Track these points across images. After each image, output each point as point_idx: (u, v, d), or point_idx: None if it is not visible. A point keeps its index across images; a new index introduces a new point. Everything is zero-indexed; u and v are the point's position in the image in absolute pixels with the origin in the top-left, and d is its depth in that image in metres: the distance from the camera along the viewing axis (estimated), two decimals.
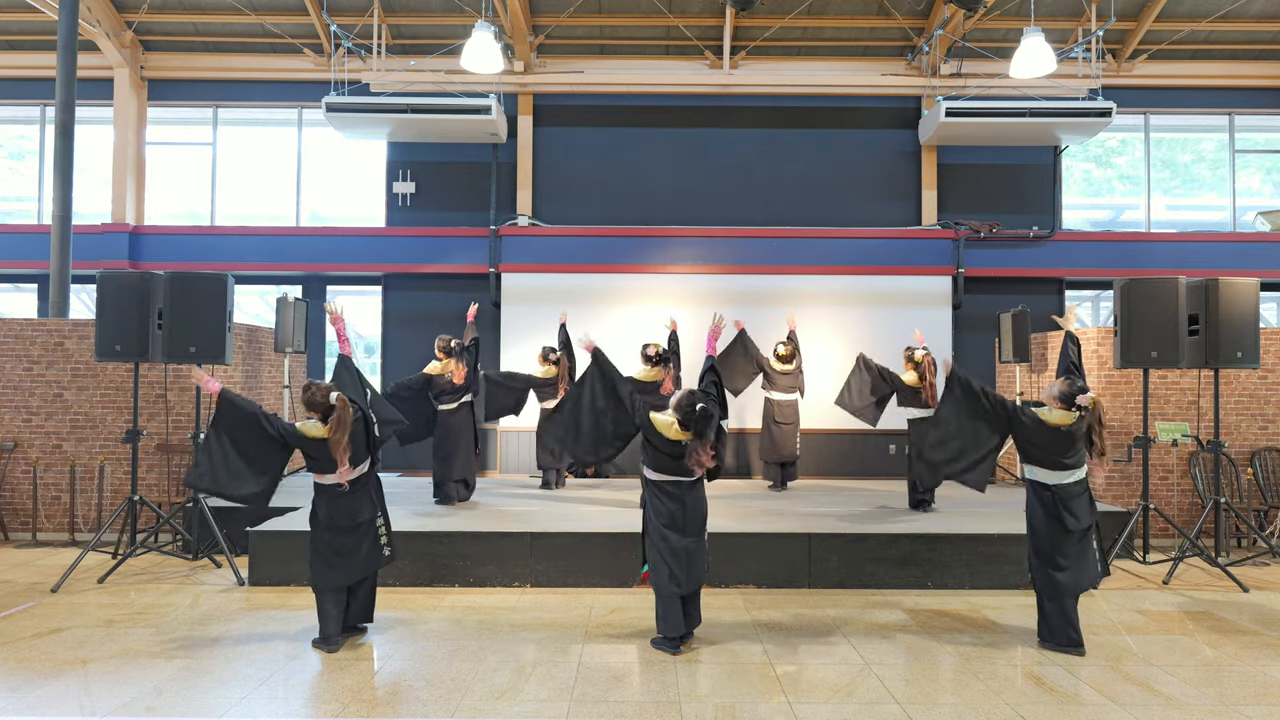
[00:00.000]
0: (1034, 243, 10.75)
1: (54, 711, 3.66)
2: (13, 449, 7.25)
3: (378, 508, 4.65)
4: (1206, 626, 5.00)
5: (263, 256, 10.75)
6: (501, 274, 10.69)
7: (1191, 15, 10.39)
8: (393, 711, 3.69)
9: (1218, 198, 11.35)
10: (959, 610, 5.32)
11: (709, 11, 10.41)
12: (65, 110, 8.19)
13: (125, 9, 10.53)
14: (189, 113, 11.24)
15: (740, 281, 10.65)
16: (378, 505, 4.66)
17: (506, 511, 6.74)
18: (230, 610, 5.19)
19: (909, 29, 10.61)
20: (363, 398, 4.66)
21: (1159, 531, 7.27)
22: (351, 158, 11.32)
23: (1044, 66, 8.88)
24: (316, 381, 4.49)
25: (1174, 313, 6.16)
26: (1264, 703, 3.83)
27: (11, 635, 4.69)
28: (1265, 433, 7.55)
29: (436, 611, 5.19)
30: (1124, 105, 10.54)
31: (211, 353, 6.18)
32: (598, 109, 11.07)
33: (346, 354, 4.81)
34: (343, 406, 4.37)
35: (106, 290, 6.21)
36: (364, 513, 4.54)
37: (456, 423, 7.13)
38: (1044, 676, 4.15)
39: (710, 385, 4.65)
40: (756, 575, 5.80)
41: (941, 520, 6.48)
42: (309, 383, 4.46)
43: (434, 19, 10.56)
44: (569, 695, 3.86)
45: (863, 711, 3.70)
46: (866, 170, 11.01)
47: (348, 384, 4.66)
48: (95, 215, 10.96)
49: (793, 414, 8.16)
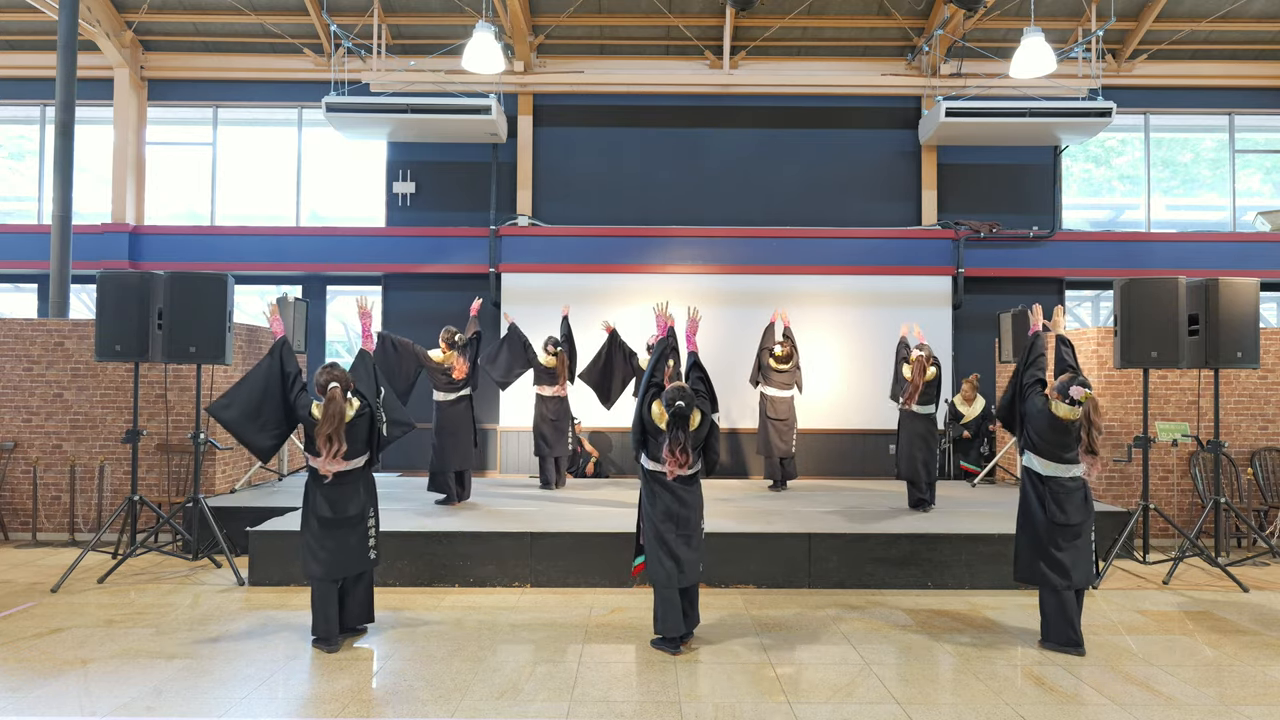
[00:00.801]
0: (1034, 243, 10.75)
1: (54, 711, 3.66)
2: (13, 449, 7.25)
3: (368, 506, 4.61)
4: (1206, 626, 5.00)
5: (263, 256, 10.75)
6: (501, 274, 10.70)
7: (1191, 15, 10.39)
8: (393, 711, 3.69)
9: (1218, 198, 11.35)
10: (959, 610, 5.32)
11: (709, 11, 10.41)
12: (65, 110, 8.19)
13: (125, 9, 10.53)
14: (189, 113, 11.25)
15: (740, 281, 10.66)
16: (368, 504, 4.61)
17: (506, 511, 6.74)
18: (230, 610, 5.19)
19: (909, 29, 10.61)
20: (374, 394, 4.64)
21: (1159, 531, 7.27)
22: (351, 158, 11.32)
23: (1044, 66, 8.88)
24: (336, 365, 4.51)
25: (1174, 313, 6.16)
26: (1264, 703, 3.83)
27: (11, 635, 4.69)
28: (1265, 433, 7.55)
29: (436, 611, 5.19)
30: (1124, 105, 10.55)
31: (211, 353, 6.17)
32: (598, 109, 11.07)
33: (368, 349, 4.82)
34: (332, 399, 4.35)
35: (106, 290, 6.21)
36: (351, 508, 4.49)
37: (455, 413, 7.10)
38: (1044, 676, 4.15)
39: (698, 381, 4.65)
40: (756, 575, 5.80)
41: (941, 520, 6.48)
42: (330, 363, 4.51)
43: (434, 19, 10.57)
44: (569, 695, 3.86)
45: (863, 711, 3.70)
46: (866, 170, 11.01)
47: (362, 377, 4.65)
48: (95, 215, 10.97)
49: (788, 410, 8.17)
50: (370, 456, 4.64)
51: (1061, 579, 4.44)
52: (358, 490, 4.56)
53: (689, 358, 4.79)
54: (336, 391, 4.37)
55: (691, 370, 4.72)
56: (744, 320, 10.29)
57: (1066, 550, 4.45)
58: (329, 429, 4.32)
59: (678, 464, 4.36)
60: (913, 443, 7.05)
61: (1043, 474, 4.53)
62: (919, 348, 7.11)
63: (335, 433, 4.34)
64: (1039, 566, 4.50)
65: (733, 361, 10.19)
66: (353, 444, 4.50)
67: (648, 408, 4.51)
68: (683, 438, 4.34)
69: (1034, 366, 4.77)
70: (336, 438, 4.34)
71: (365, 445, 4.59)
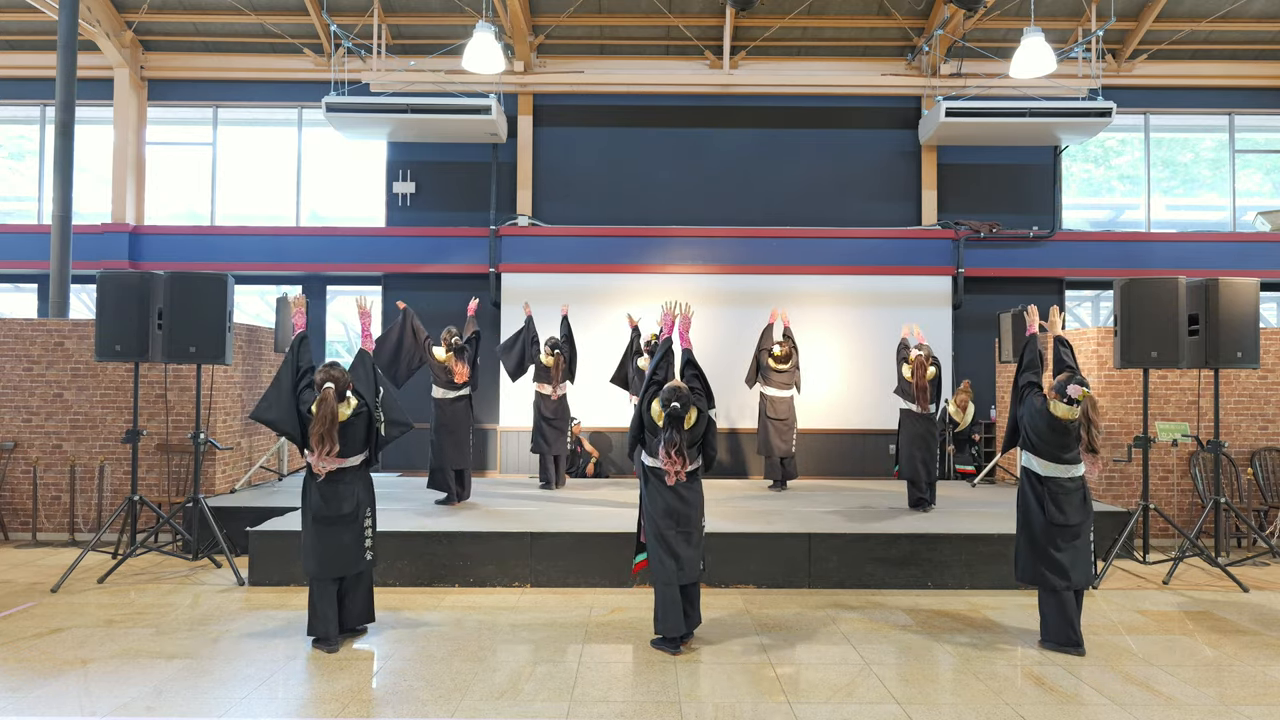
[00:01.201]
0: (1034, 243, 10.75)
1: (54, 711, 3.66)
2: (13, 449, 7.25)
3: (365, 505, 4.60)
4: (1206, 626, 5.00)
5: (263, 256, 10.75)
6: (501, 274, 10.70)
7: (1191, 15, 10.39)
8: (393, 711, 3.69)
9: (1218, 198, 11.35)
10: (959, 610, 5.32)
11: (709, 11, 10.41)
12: (65, 110, 8.18)
13: (125, 9, 10.53)
14: (189, 113, 11.25)
15: (740, 281, 10.66)
16: (365, 503, 4.61)
17: (506, 511, 6.74)
18: (230, 610, 5.19)
19: (909, 29, 10.61)
20: (373, 394, 4.64)
21: (1159, 531, 7.27)
22: (351, 158, 11.32)
23: (1044, 66, 8.88)
24: (336, 364, 4.52)
25: (1174, 313, 6.15)
26: (1264, 703, 3.83)
27: (11, 635, 4.69)
28: (1265, 433, 7.55)
29: (436, 611, 5.19)
30: (1124, 105, 10.55)
31: (211, 353, 6.17)
32: (598, 109, 11.07)
33: (367, 349, 4.83)
34: (324, 399, 4.36)
35: (106, 290, 6.21)
36: (345, 506, 4.48)
37: (454, 411, 7.10)
38: (1044, 676, 4.15)
39: (693, 379, 4.65)
40: (756, 575, 5.80)
41: (941, 520, 6.48)
42: (330, 362, 4.54)
43: (434, 19, 10.57)
44: (569, 695, 3.86)
45: (863, 711, 3.70)
46: (866, 170, 11.01)
47: (361, 377, 4.66)
48: (95, 215, 10.96)
49: (787, 410, 8.16)
50: (368, 456, 4.64)
51: (1061, 580, 4.43)
52: (354, 489, 4.55)
53: (683, 355, 4.78)
54: (330, 392, 4.38)
55: (686, 368, 4.72)
56: (744, 320, 10.29)
57: (1065, 551, 4.45)
58: (321, 429, 4.34)
59: (674, 465, 4.36)
60: (913, 443, 7.06)
61: (1042, 474, 4.53)
62: (918, 348, 7.12)
63: (327, 433, 4.35)
64: (1038, 568, 4.50)
65: (733, 361, 10.20)
66: (349, 442, 4.49)
67: (648, 406, 4.52)
68: (678, 439, 4.34)
69: (1029, 370, 4.77)
70: (329, 438, 4.35)
71: (363, 444, 4.59)
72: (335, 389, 4.40)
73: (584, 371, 8.68)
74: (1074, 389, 4.36)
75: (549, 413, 8.01)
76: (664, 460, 4.37)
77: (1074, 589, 4.47)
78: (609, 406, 10.09)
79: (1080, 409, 4.37)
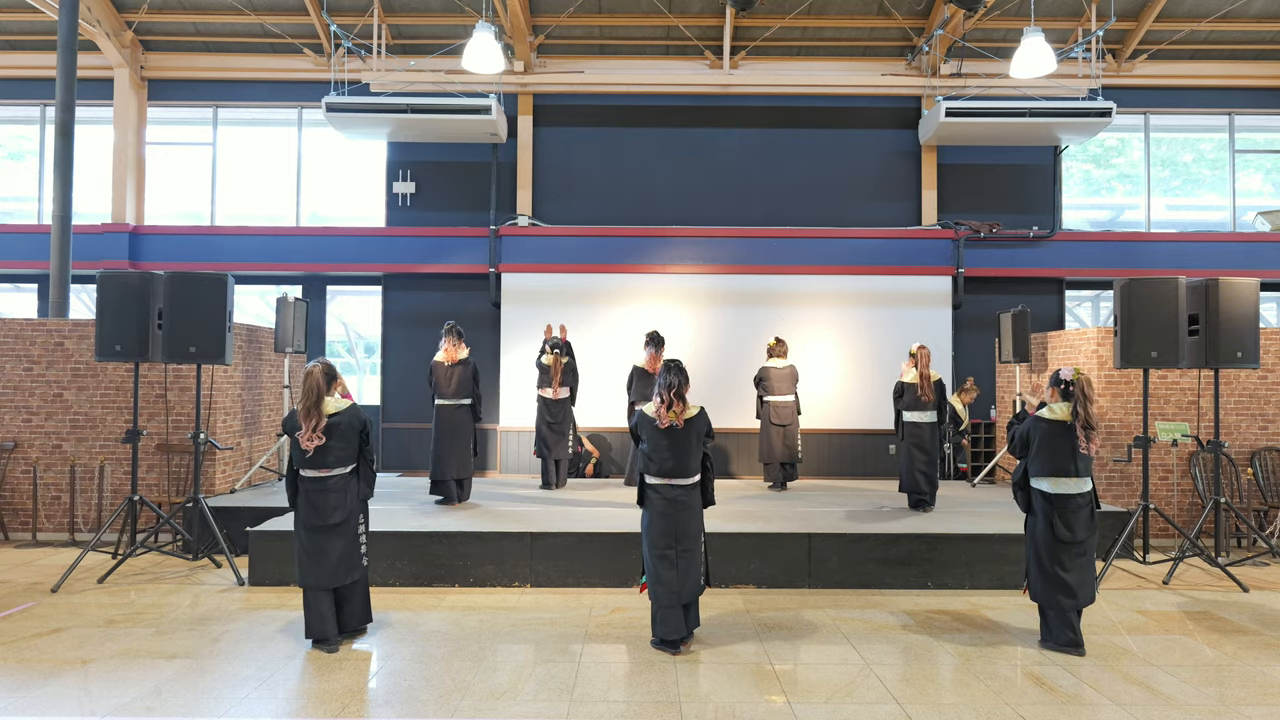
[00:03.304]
0: (1034, 243, 10.75)
1: (54, 711, 3.66)
2: (13, 449, 7.25)
3: (355, 514, 4.59)
4: (1206, 626, 5.00)
5: (263, 256, 10.75)
6: (501, 274, 10.69)
7: (1191, 15, 10.39)
8: (392, 711, 3.69)
9: (1218, 198, 11.35)
10: (959, 610, 5.32)
11: (709, 11, 10.41)
12: (65, 110, 8.18)
13: (125, 9, 10.53)
14: (189, 113, 11.25)
15: (740, 281, 10.66)
16: (355, 511, 4.59)
17: (506, 511, 6.74)
18: (230, 610, 5.19)
19: (909, 29, 10.61)
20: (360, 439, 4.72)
21: (1159, 531, 7.27)
22: (351, 158, 11.32)
23: (1044, 66, 8.87)
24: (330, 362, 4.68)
25: (1174, 313, 6.15)
26: (1264, 703, 3.83)
27: (11, 635, 4.69)
28: (1265, 433, 7.55)
29: (436, 611, 5.19)
30: (1124, 105, 10.55)
31: (211, 353, 6.17)
32: (598, 109, 11.07)
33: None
34: (309, 374, 4.50)
35: (106, 290, 6.21)
36: (336, 514, 4.48)
37: (454, 420, 7.09)
38: (1044, 676, 4.15)
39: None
40: (756, 575, 5.80)
41: (941, 520, 6.48)
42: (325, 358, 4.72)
43: (434, 19, 10.56)
44: (569, 695, 3.85)
45: (863, 711, 3.70)
46: (866, 170, 11.01)
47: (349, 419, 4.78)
48: (95, 215, 10.96)
49: (789, 415, 8.14)
50: (357, 468, 4.65)
51: (1069, 600, 4.50)
52: (345, 497, 4.54)
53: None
54: (316, 369, 4.52)
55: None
56: (744, 320, 10.30)
57: (1072, 570, 4.50)
58: (306, 402, 4.45)
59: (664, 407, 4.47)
60: (910, 454, 7.00)
61: (1051, 493, 4.55)
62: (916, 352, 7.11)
63: (314, 406, 4.45)
64: (1050, 591, 4.54)
65: (732, 361, 10.21)
66: (339, 444, 4.51)
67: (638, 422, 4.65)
68: (675, 381, 4.48)
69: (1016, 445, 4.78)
70: (315, 413, 4.45)
71: (354, 455, 4.60)
72: (322, 368, 4.54)
73: (584, 372, 8.66)
74: (1066, 370, 4.52)
75: (550, 416, 8.01)
76: (657, 406, 4.51)
77: (1080, 607, 4.54)
78: (609, 406, 10.09)
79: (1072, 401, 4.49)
